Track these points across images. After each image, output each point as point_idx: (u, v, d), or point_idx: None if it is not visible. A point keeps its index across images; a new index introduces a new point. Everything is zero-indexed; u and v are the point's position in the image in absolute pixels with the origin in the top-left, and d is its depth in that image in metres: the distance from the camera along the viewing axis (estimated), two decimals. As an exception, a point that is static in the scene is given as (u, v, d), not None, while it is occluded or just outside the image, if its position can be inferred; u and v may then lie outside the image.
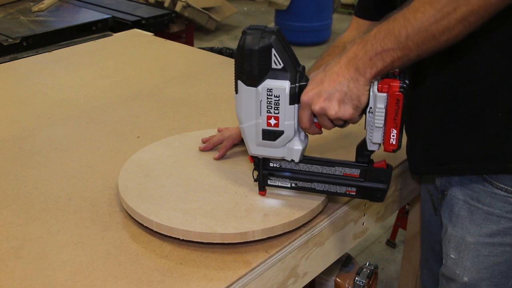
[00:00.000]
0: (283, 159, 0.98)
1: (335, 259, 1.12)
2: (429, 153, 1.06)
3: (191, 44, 3.06)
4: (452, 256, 1.10)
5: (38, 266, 0.92)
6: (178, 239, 0.95)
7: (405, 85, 0.86)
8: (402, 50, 0.83)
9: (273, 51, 0.88)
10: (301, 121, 0.92)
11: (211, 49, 3.72)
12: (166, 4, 4.25)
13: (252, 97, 0.91)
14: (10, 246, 0.96)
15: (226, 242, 0.94)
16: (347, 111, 0.88)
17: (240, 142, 1.16)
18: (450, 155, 1.03)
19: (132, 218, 1.01)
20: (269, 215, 0.97)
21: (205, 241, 0.94)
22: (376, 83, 0.87)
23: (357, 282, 1.40)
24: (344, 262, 1.44)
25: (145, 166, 1.13)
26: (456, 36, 0.81)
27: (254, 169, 1.01)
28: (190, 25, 3.28)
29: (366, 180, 0.96)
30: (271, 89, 0.90)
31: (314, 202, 1.01)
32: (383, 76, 0.87)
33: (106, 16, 2.35)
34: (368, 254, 2.51)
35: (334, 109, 0.88)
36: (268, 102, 0.91)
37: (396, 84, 0.85)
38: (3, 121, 1.43)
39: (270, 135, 0.94)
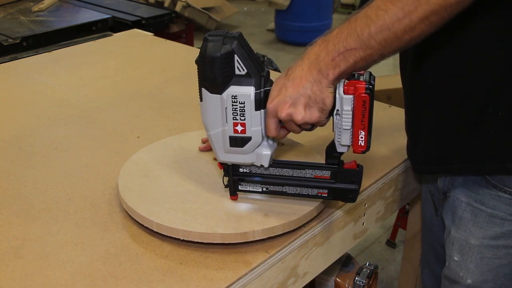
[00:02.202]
0: (252, 165, 0.97)
1: (335, 259, 1.12)
2: (431, 153, 1.06)
3: (191, 44, 3.06)
4: (456, 258, 1.10)
5: (38, 266, 0.92)
6: (178, 239, 0.95)
7: (371, 86, 0.85)
8: (365, 50, 0.82)
9: (236, 57, 0.87)
10: (268, 130, 0.91)
11: (211, 49, 3.71)
12: (166, 4, 4.25)
13: (217, 104, 0.90)
14: (10, 246, 0.96)
15: (226, 242, 0.94)
16: (313, 115, 0.88)
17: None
18: (452, 154, 1.03)
19: (132, 218, 1.01)
20: (269, 215, 0.97)
21: (206, 241, 0.94)
22: (342, 85, 0.86)
23: (357, 282, 1.39)
24: (344, 262, 1.44)
25: (145, 166, 1.13)
26: (419, 35, 0.81)
27: (224, 175, 1.00)
28: (190, 25, 3.28)
29: (337, 181, 0.95)
30: (236, 95, 0.89)
31: (314, 202, 1.01)
32: (348, 78, 0.86)
33: (106, 16, 2.35)
34: (368, 254, 2.51)
35: (300, 115, 0.87)
36: (234, 109, 0.90)
37: (362, 85, 0.85)
38: (3, 121, 1.42)
39: (238, 141, 0.93)
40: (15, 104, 1.52)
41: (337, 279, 1.41)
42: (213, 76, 0.88)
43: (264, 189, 0.99)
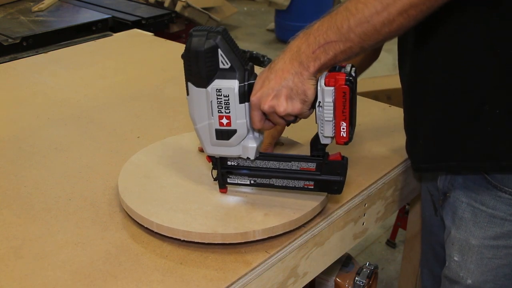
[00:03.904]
0: (239, 157, 0.99)
1: (335, 259, 1.12)
2: (428, 151, 1.06)
3: (191, 44, 3.06)
4: (456, 258, 1.10)
5: (38, 266, 0.92)
6: (179, 239, 0.95)
7: (351, 78, 0.86)
8: (345, 43, 0.83)
9: (220, 51, 0.89)
10: (253, 122, 0.93)
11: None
12: (166, 4, 4.25)
13: (203, 98, 0.92)
14: (10, 246, 0.96)
15: (227, 242, 0.94)
16: (295, 107, 0.89)
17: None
18: (449, 153, 1.03)
19: (132, 218, 1.01)
20: (269, 215, 0.97)
21: (206, 242, 0.94)
22: (323, 77, 0.88)
23: (357, 282, 1.39)
24: (344, 262, 1.44)
25: (145, 167, 1.13)
26: (398, 28, 0.82)
27: (213, 168, 1.02)
28: (190, 25, 3.28)
29: (322, 173, 0.96)
30: (220, 89, 0.91)
31: (314, 202, 1.01)
32: (330, 70, 0.88)
33: (106, 16, 2.35)
34: (368, 254, 2.51)
35: (282, 106, 0.88)
36: (219, 102, 0.92)
37: (342, 77, 0.86)
38: (3, 121, 1.42)
39: (224, 134, 0.94)
40: (15, 104, 1.52)
41: (337, 279, 1.41)
42: (198, 70, 0.90)
43: (252, 181, 1.01)
